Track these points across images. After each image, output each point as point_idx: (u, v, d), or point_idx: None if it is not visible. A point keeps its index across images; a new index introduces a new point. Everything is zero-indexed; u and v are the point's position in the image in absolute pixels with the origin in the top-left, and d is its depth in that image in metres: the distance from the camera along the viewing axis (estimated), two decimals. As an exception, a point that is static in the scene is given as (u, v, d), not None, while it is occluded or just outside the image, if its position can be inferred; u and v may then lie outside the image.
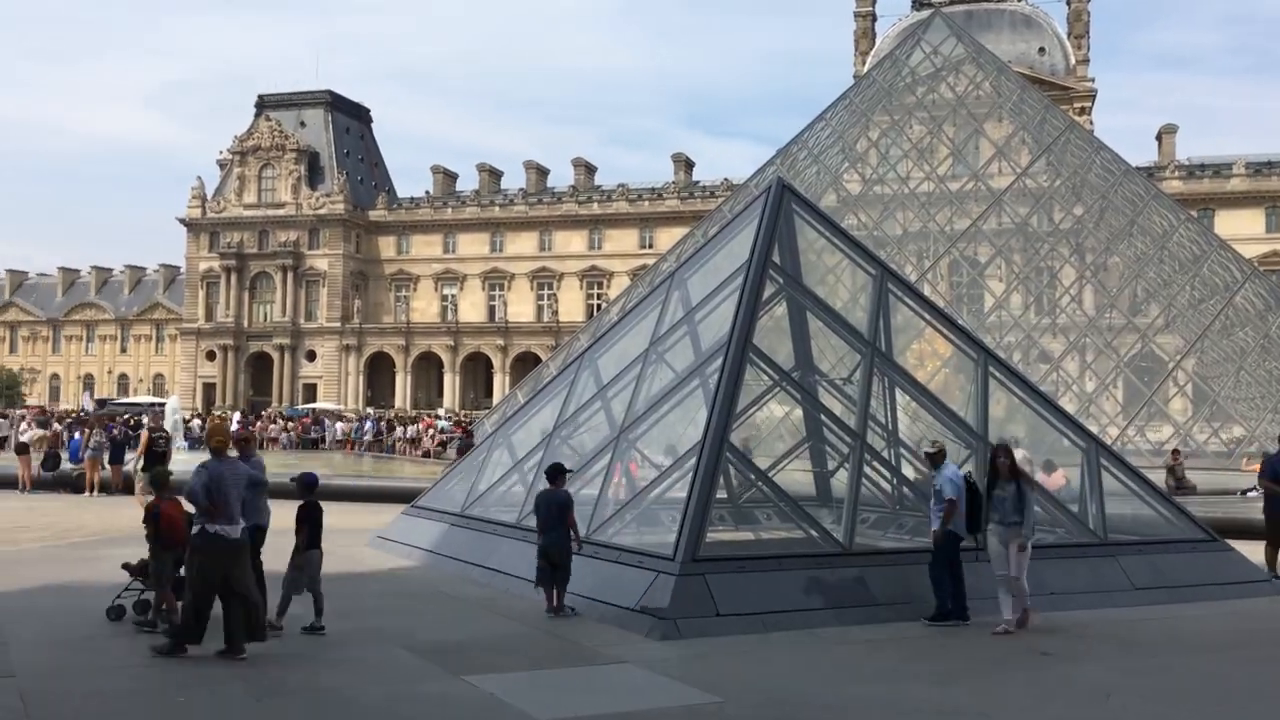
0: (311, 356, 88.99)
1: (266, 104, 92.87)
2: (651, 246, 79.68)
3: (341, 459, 40.69)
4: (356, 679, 8.15)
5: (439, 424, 48.95)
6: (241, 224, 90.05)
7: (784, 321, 14.05)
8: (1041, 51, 76.98)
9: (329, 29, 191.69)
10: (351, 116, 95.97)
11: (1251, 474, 24.25)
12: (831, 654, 9.27)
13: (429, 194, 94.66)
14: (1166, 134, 79.98)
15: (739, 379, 11.30)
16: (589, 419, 14.03)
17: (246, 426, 50.03)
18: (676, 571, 9.90)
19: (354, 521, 19.18)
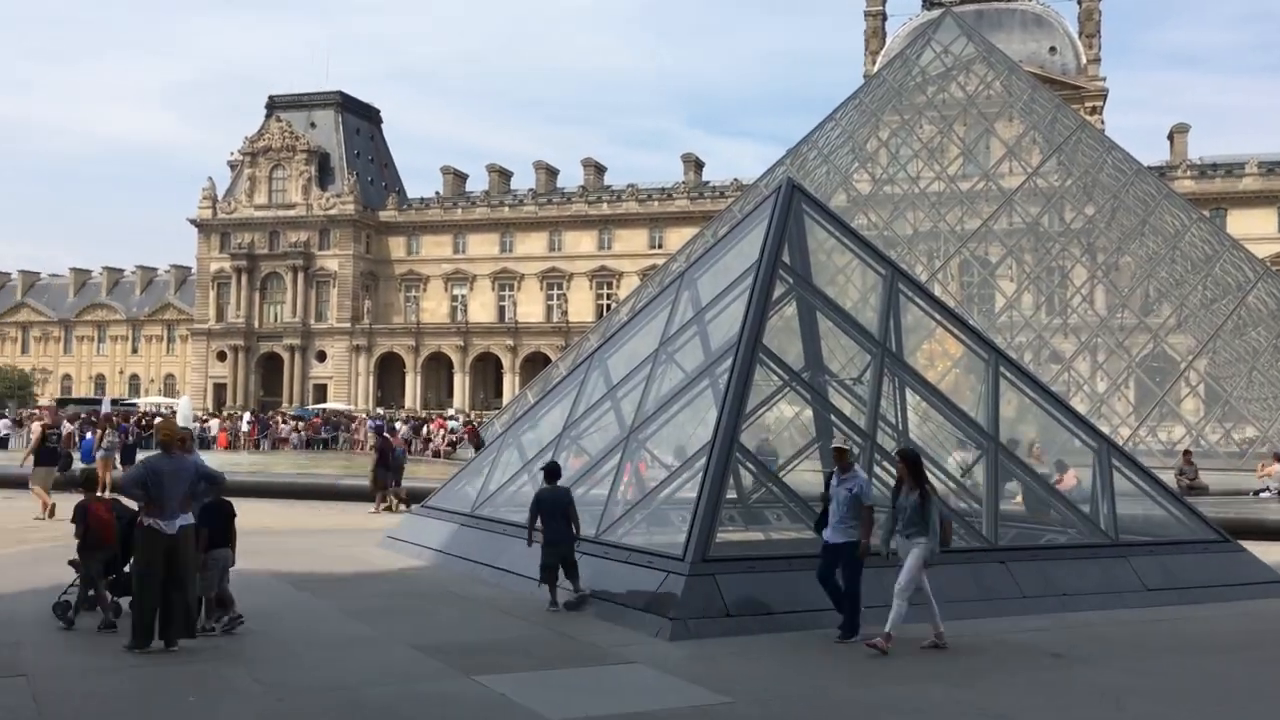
0: (322, 357, 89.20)
1: (277, 105, 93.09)
2: (661, 247, 79.68)
3: (347, 459, 40.69)
4: (368, 678, 8.16)
5: (449, 424, 49.01)
6: (252, 225, 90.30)
7: (794, 322, 14.02)
8: (1052, 51, 76.77)
9: (339, 30, 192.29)
10: (362, 117, 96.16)
11: (1267, 478, 24.19)
12: (843, 654, 9.24)
13: (439, 194, 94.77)
14: (1178, 133, 79.68)
15: (749, 379, 11.29)
16: (599, 419, 14.02)
17: (260, 426, 50.46)
18: (686, 572, 9.90)
19: (363, 521, 19.28)
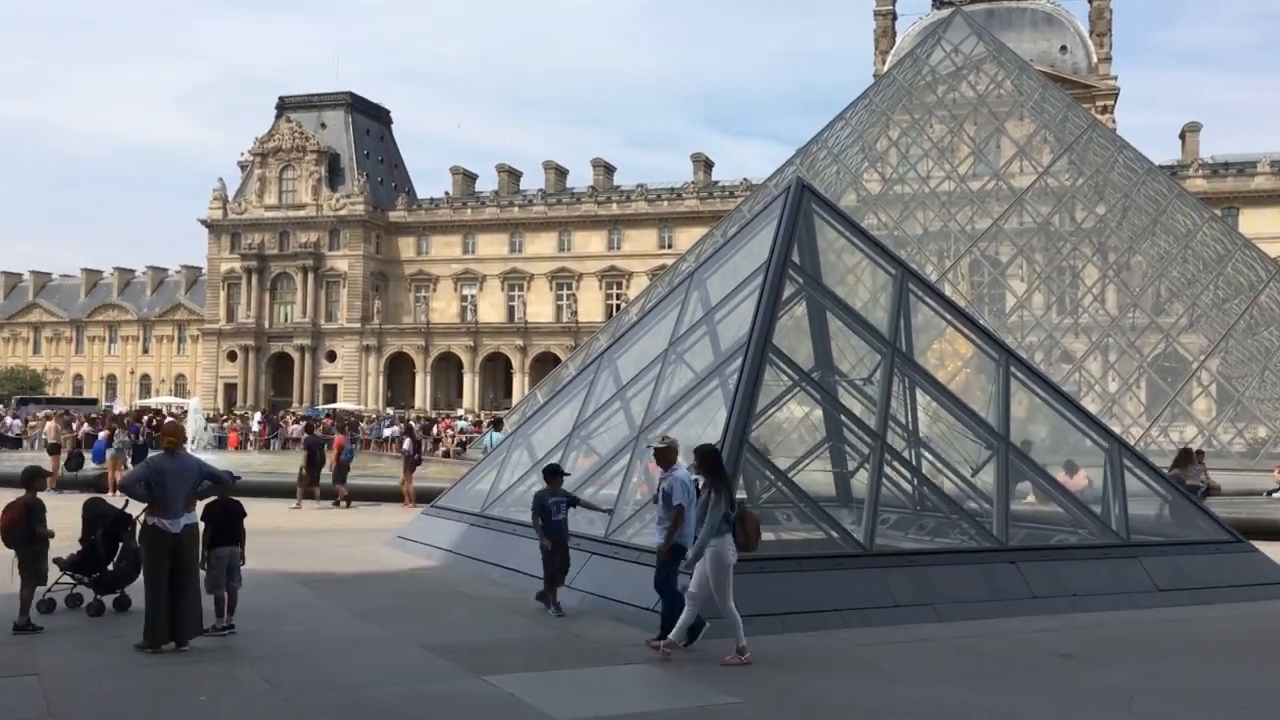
0: (332, 357, 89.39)
1: (287, 105, 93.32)
2: (671, 246, 79.69)
3: (358, 460, 40.73)
4: (377, 678, 8.17)
5: (458, 424, 49.09)
6: (262, 225, 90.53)
7: (804, 321, 14.01)
8: (1063, 50, 76.52)
9: (350, 31, 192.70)
10: (371, 118, 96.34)
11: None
12: (852, 655, 9.22)
13: (448, 195, 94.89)
14: (1190, 132, 79.32)
15: (758, 379, 11.28)
16: (608, 419, 14.02)
17: (271, 428, 50.61)
18: (696, 572, 9.85)
19: (374, 521, 19.30)
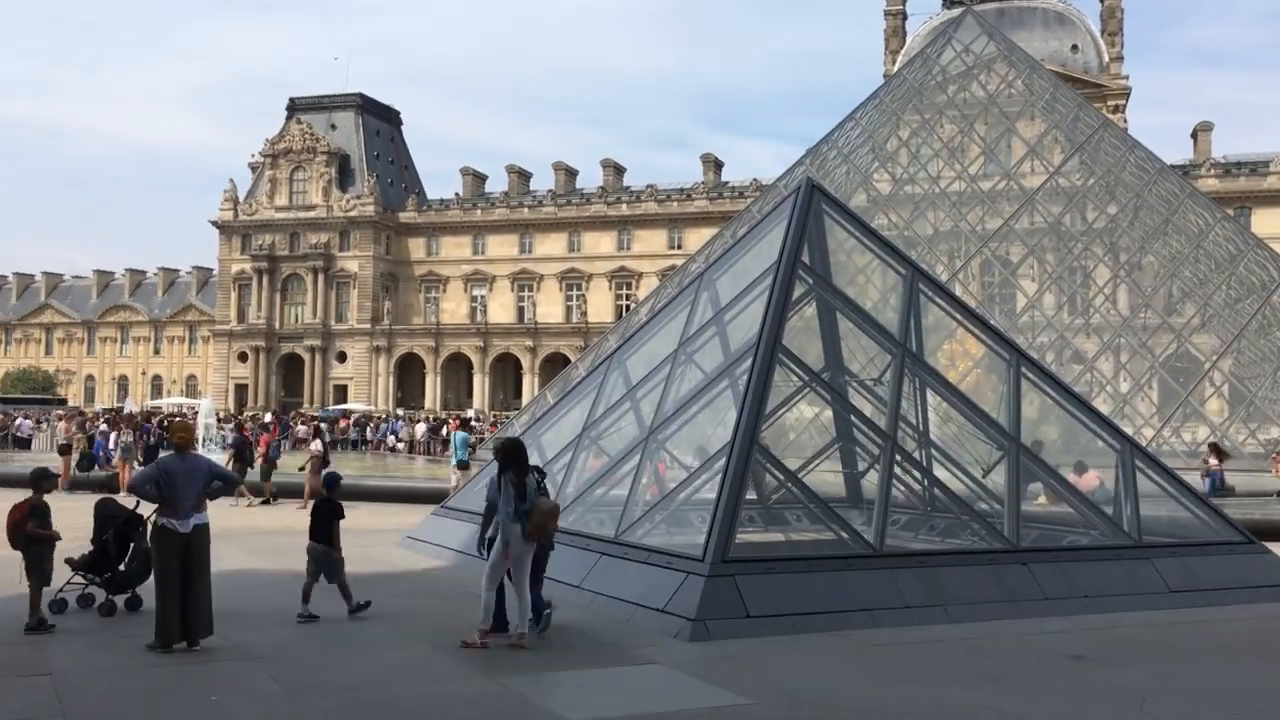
0: (342, 358, 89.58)
1: (297, 107, 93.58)
2: (680, 247, 79.66)
3: (372, 459, 40.94)
4: (388, 679, 8.18)
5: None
6: (273, 226, 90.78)
7: (814, 322, 13.99)
8: (1074, 49, 76.32)
9: (360, 33, 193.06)
10: (381, 119, 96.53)
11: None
12: (862, 656, 9.21)
13: (458, 195, 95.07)
14: (1202, 131, 79.04)
15: (768, 380, 11.26)
16: (618, 420, 14.01)
17: (282, 428, 50.68)
18: (706, 573, 9.87)
19: (383, 521, 19.30)
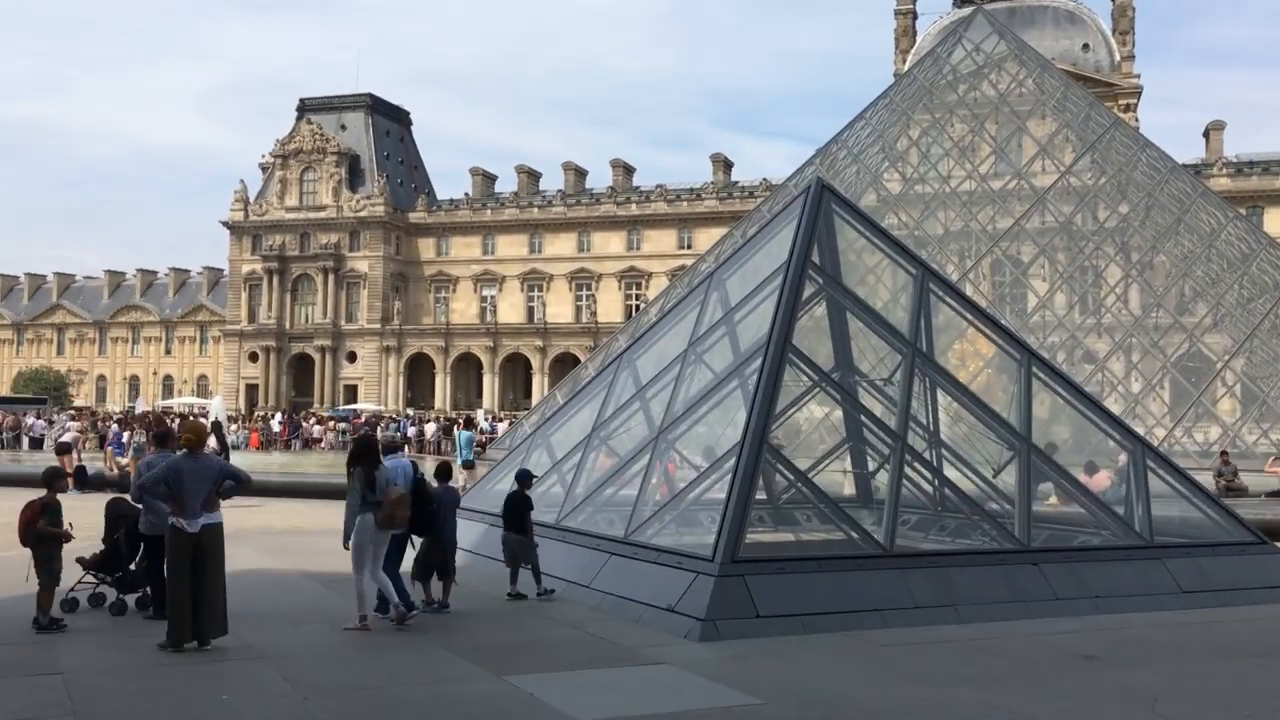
0: (352, 358, 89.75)
1: (308, 107, 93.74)
2: (690, 247, 79.67)
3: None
4: (398, 678, 8.19)
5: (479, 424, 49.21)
6: (283, 226, 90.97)
7: (824, 322, 13.97)
8: (1085, 48, 76.06)
9: (370, 33, 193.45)
10: (391, 119, 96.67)
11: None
12: (872, 656, 9.19)
13: (468, 196, 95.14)
14: (1214, 130, 78.69)
15: (778, 379, 11.24)
16: (627, 420, 14.02)
17: (292, 428, 50.93)
18: (716, 572, 9.86)
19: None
